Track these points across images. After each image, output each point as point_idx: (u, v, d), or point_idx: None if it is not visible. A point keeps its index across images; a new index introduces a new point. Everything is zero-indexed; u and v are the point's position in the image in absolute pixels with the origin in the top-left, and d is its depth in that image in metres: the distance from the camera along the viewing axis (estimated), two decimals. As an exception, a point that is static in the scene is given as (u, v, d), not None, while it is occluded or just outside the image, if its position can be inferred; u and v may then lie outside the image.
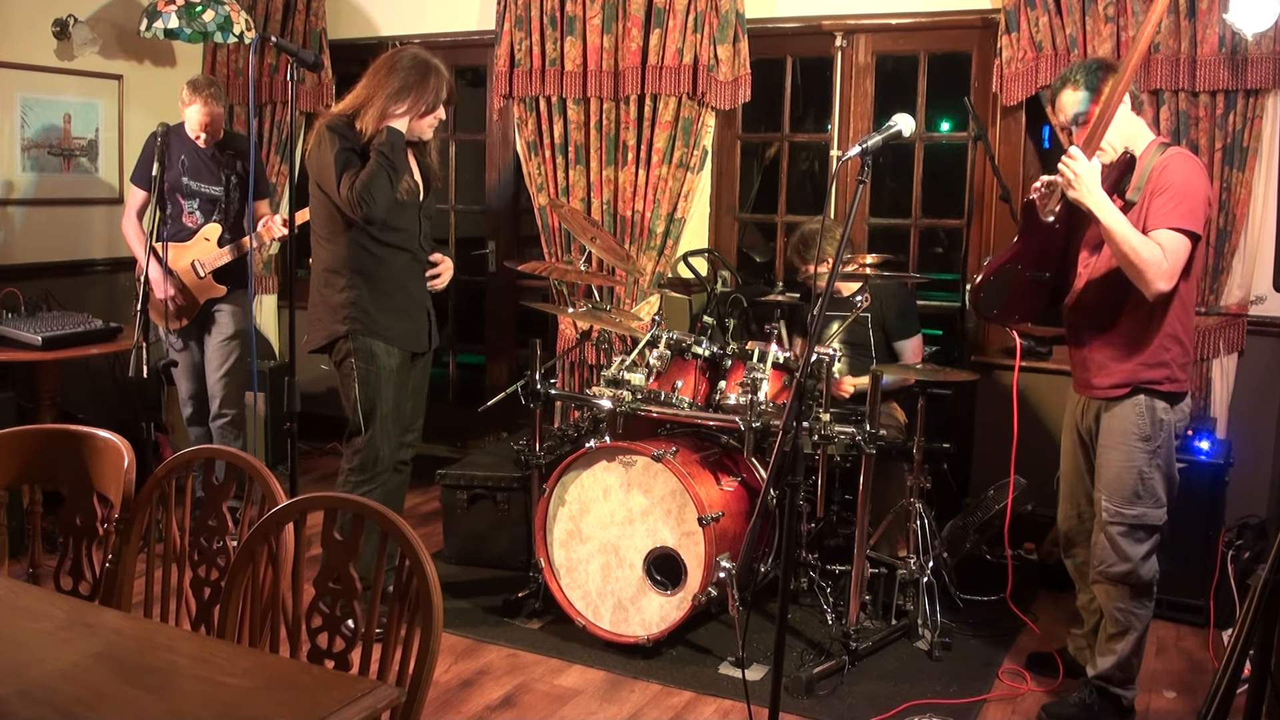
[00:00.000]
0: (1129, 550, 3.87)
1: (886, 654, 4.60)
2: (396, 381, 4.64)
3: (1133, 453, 3.85)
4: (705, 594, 4.40)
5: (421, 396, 4.91)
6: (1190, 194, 3.66)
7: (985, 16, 5.53)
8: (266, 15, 6.97)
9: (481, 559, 5.50)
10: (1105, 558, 3.91)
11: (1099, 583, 3.96)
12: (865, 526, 4.46)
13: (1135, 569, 3.87)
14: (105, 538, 2.91)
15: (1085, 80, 3.76)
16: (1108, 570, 3.91)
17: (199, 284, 5.71)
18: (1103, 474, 3.92)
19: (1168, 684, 4.42)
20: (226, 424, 5.86)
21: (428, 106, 4.52)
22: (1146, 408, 3.83)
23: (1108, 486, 3.89)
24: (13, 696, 2.00)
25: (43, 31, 6.34)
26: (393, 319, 4.60)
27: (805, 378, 3.28)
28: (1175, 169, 3.69)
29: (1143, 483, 3.86)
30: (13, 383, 5.84)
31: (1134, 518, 3.86)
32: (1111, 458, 3.88)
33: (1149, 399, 3.83)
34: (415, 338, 4.73)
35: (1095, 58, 3.99)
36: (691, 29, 5.85)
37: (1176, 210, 3.63)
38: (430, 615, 2.27)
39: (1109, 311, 3.84)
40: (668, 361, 4.74)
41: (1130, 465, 3.85)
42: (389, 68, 4.47)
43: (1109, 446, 3.90)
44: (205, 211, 5.71)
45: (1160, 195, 3.67)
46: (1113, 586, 3.92)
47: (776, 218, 6.47)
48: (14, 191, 6.29)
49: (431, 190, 4.77)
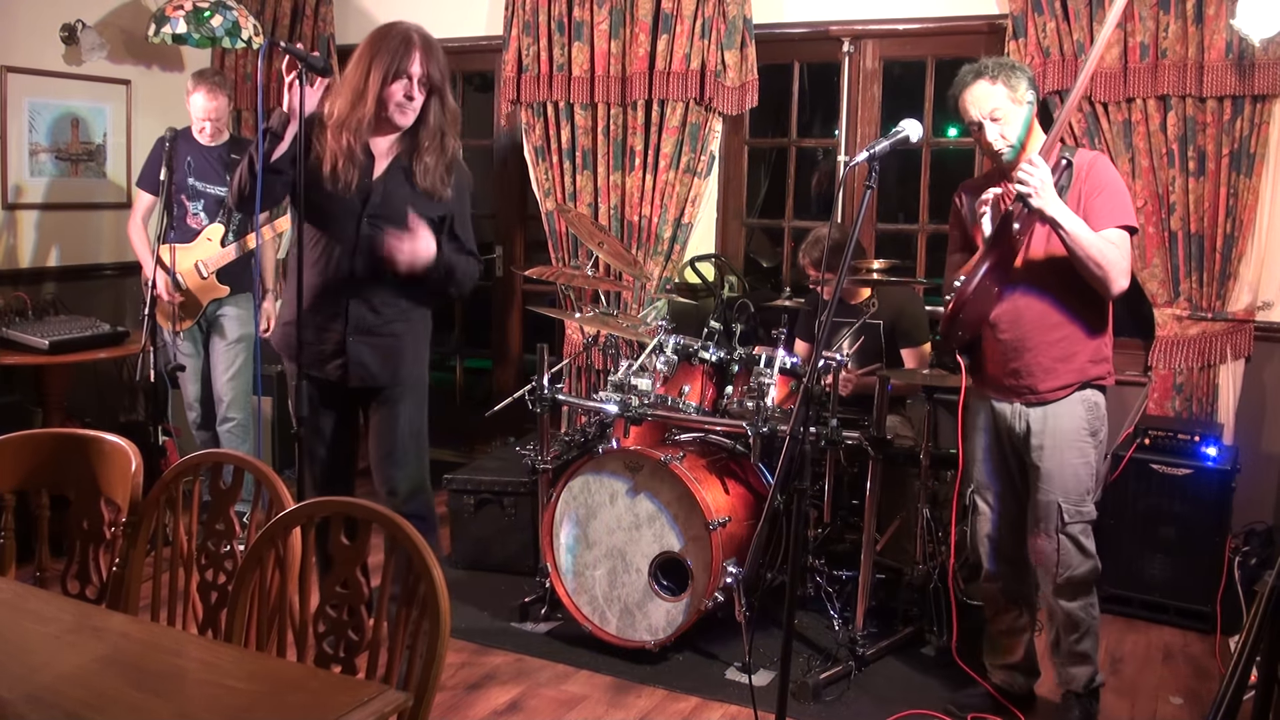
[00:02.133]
0: (1089, 546, 3.85)
1: (893, 659, 4.60)
2: (315, 415, 4.01)
3: (1084, 449, 3.82)
4: (712, 599, 4.40)
5: (389, 442, 4.07)
6: (1122, 190, 3.73)
7: (992, 22, 5.53)
8: (274, 20, 6.98)
9: (488, 564, 5.50)
10: (1070, 562, 3.84)
11: (1060, 590, 3.88)
12: (872, 532, 4.45)
13: (1096, 563, 3.87)
14: (112, 541, 2.91)
15: (1001, 75, 3.69)
16: (1074, 574, 3.85)
17: (202, 285, 5.71)
18: (1054, 477, 3.82)
19: (1174, 690, 4.41)
20: (234, 427, 5.86)
21: (381, 76, 3.77)
22: (1093, 403, 3.82)
23: (1063, 488, 3.81)
24: (19, 700, 2.00)
25: (51, 36, 6.35)
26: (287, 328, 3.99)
27: (813, 383, 3.28)
28: (1102, 168, 3.73)
29: (1094, 478, 3.85)
30: (20, 386, 5.86)
31: (1089, 513, 3.84)
32: (1064, 458, 3.81)
33: (1094, 393, 3.83)
34: (314, 355, 3.96)
35: (1001, 57, 3.99)
36: (699, 34, 5.86)
37: (1119, 208, 3.67)
38: (437, 620, 2.27)
39: (1051, 316, 3.77)
40: (675, 366, 4.73)
41: (1084, 462, 3.82)
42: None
43: (1058, 448, 3.81)
44: (210, 212, 5.72)
45: (1099, 195, 3.67)
46: (1076, 589, 3.87)
47: (784, 223, 6.47)
48: (22, 195, 6.31)
49: (404, 194, 3.91)
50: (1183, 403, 5.20)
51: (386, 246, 3.77)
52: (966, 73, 3.76)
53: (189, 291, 5.70)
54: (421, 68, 3.80)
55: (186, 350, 5.83)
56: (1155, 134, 5.06)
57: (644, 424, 4.82)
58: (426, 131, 3.88)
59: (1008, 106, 3.69)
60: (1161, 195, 5.10)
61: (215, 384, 5.86)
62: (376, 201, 3.89)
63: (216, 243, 5.69)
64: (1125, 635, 4.88)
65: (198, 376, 5.89)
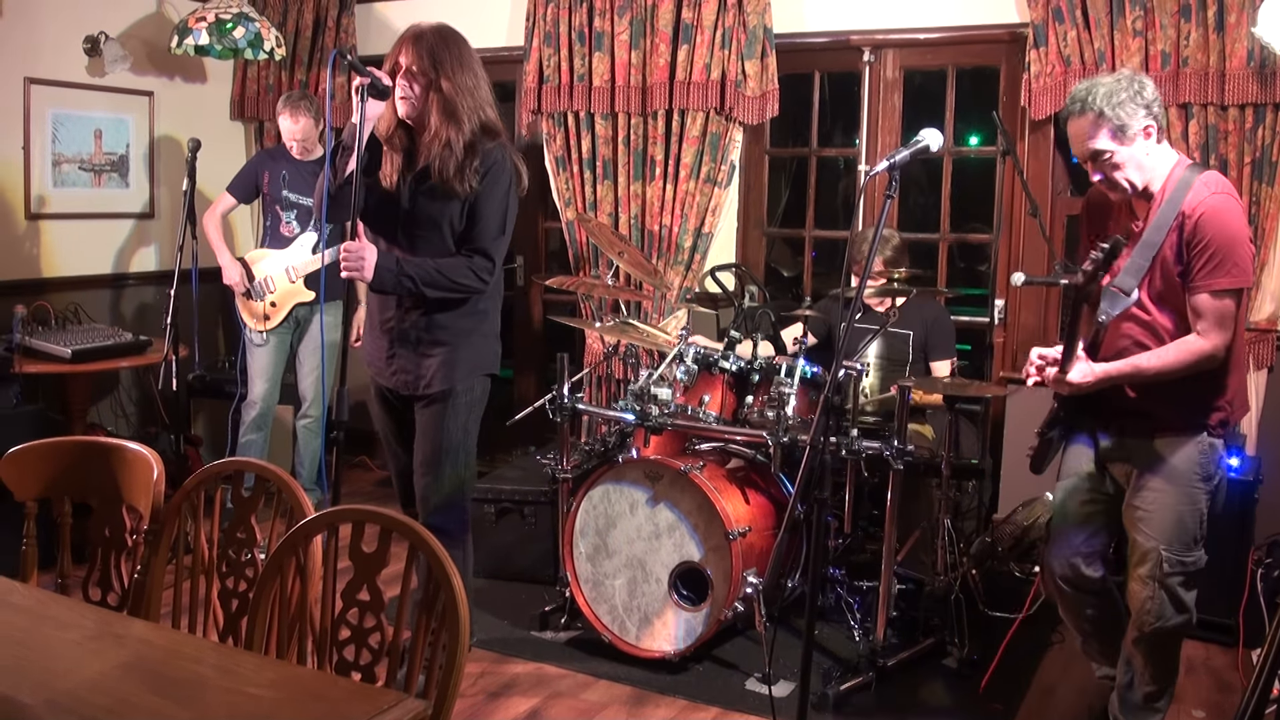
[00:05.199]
0: (1187, 599, 3.57)
1: (914, 671, 4.58)
2: (383, 420, 4.29)
3: (1195, 494, 3.52)
4: (732, 609, 4.39)
5: (423, 450, 4.11)
6: (1231, 244, 3.34)
7: (1013, 31, 5.52)
8: (296, 31, 7.01)
9: (508, 572, 5.49)
10: (1162, 613, 3.55)
11: (1141, 640, 3.62)
12: (893, 542, 4.44)
13: (1191, 617, 3.59)
14: (134, 549, 2.93)
15: (1104, 107, 3.36)
16: (1164, 625, 3.56)
17: (290, 289, 6.00)
18: (1155, 520, 3.53)
19: (1196, 703, 4.38)
20: (311, 424, 6.19)
21: (388, 74, 3.82)
22: (1209, 445, 3.52)
23: (1166, 534, 3.52)
24: (41, 706, 2.01)
25: (74, 48, 6.39)
26: (366, 335, 4.28)
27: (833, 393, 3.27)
28: (1213, 221, 3.33)
29: (1201, 526, 3.55)
30: (43, 395, 5.89)
31: (1193, 564, 3.55)
32: (1169, 500, 3.51)
33: (1209, 437, 3.52)
34: (376, 362, 4.17)
35: (1124, 73, 3.50)
36: (719, 44, 5.86)
37: (1221, 270, 3.33)
38: (457, 628, 2.27)
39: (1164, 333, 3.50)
40: (695, 376, 4.73)
41: (1194, 508, 3.52)
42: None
43: (1164, 490, 3.52)
44: (302, 221, 6.04)
45: (1201, 255, 3.33)
46: (1164, 640, 3.61)
47: (804, 232, 6.47)
48: (45, 206, 6.34)
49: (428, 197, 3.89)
50: (1206, 413, 5.17)
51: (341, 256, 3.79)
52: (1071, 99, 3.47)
53: (277, 294, 6.02)
54: (407, 58, 3.81)
55: (271, 350, 6.08)
56: (1177, 142, 5.04)
57: (664, 433, 4.81)
58: (427, 130, 3.86)
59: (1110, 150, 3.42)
60: (1184, 204, 5.07)
61: (301, 381, 6.22)
62: (406, 208, 3.92)
63: (307, 249, 5.97)
64: (1148, 647, 4.84)
65: (269, 376, 6.09)
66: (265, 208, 6.13)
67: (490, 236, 3.95)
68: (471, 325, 4.05)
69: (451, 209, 3.89)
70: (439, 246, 3.92)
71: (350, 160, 3.72)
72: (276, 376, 6.09)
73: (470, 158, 3.84)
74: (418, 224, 3.92)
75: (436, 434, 4.05)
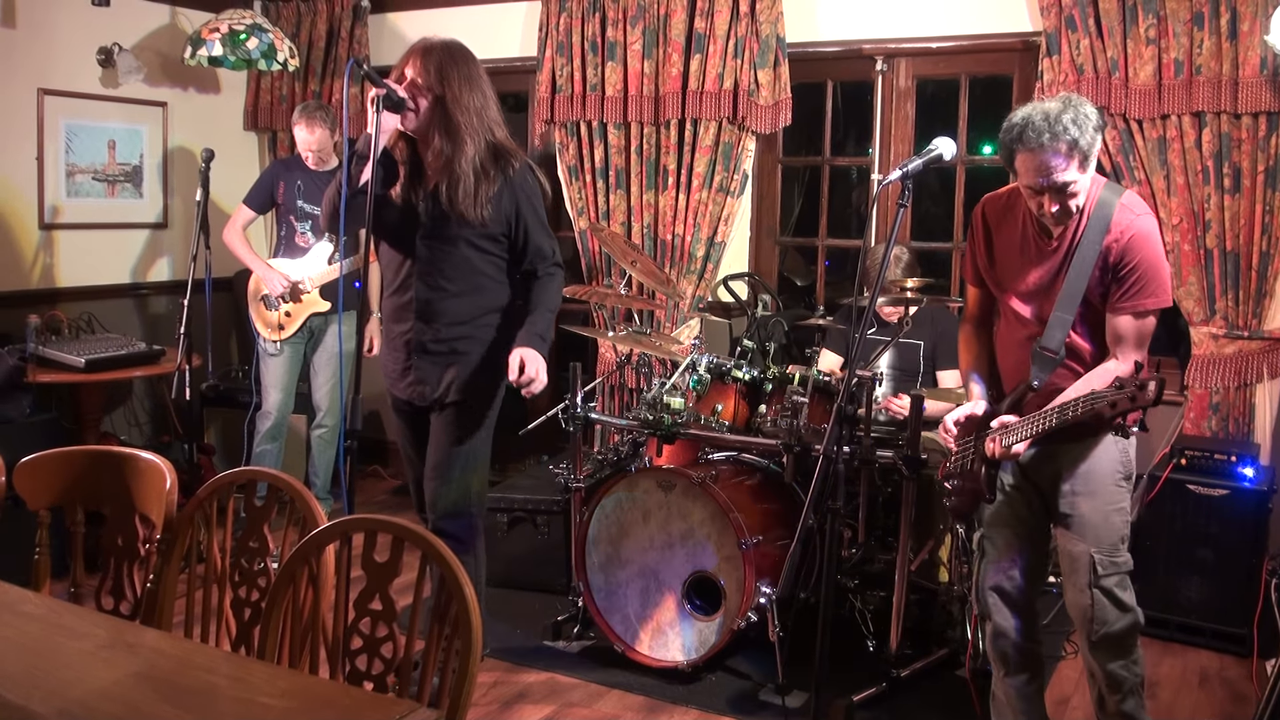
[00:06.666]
0: (1126, 599, 3.47)
1: (928, 681, 4.56)
2: (400, 431, 4.32)
3: (1118, 495, 3.48)
4: (745, 619, 4.37)
5: (435, 456, 4.13)
6: (1160, 266, 3.31)
7: (1026, 39, 5.51)
8: (310, 42, 7.04)
9: (521, 582, 5.49)
10: (1105, 618, 3.46)
11: (1094, 649, 3.51)
12: (907, 552, 4.42)
13: (1136, 616, 3.49)
14: (146, 558, 2.92)
15: (1077, 135, 3.18)
16: (1110, 630, 3.46)
17: (304, 299, 5.99)
18: (1083, 523, 3.47)
19: (1210, 715, 4.36)
20: (325, 434, 6.19)
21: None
22: (1125, 445, 3.48)
23: (1095, 538, 3.45)
24: (53, 715, 2.01)
25: (88, 59, 6.43)
26: (383, 348, 4.30)
27: (846, 402, 3.26)
28: (1142, 244, 3.28)
29: (1127, 525, 3.51)
30: (56, 404, 5.91)
31: (1124, 564, 3.47)
32: (1095, 503, 3.46)
33: (1124, 438, 3.46)
34: (392, 375, 4.18)
35: (1067, 96, 3.30)
36: (732, 54, 5.87)
37: (1146, 291, 3.30)
38: (469, 638, 2.27)
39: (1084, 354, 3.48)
40: (708, 385, 4.73)
41: (1119, 508, 3.47)
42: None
43: (1090, 493, 3.47)
44: (317, 231, 6.05)
45: (1129, 277, 3.28)
46: (1115, 645, 3.49)
47: (817, 241, 6.46)
48: (59, 216, 6.37)
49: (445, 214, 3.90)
50: (1219, 422, 5.16)
51: (514, 381, 3.94)
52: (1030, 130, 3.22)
53: (291, 304, 6.01)
54: (413, 70, 3.83)
55: (285, 360, 6.06)
56: (1190, 151, 5.03)
57: (677, 443, 4.81)
58: (430, 147, 3.88)
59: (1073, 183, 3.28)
60: (1197, 213, 5.07)
61: (315, 393, 6.21)
62: (425, 222, 3.92)
63: (323, 260, 5.97)
64: (1161, 659, 4.82)
65: (283, 386, 6.08)
66: (280, 218, 6.13)
67: (546, 246, 4.06)
68: (486, 336, 4.07)
69: (468, 228, 3.89)
70: (456, 259, 3.94)
71: (365, 170, 3.72)
72: (290, 386, 6.09)
73: (482, 184, 3.84)
74: (436, 238, 3.93)
75: (450, 440, 4.07)
